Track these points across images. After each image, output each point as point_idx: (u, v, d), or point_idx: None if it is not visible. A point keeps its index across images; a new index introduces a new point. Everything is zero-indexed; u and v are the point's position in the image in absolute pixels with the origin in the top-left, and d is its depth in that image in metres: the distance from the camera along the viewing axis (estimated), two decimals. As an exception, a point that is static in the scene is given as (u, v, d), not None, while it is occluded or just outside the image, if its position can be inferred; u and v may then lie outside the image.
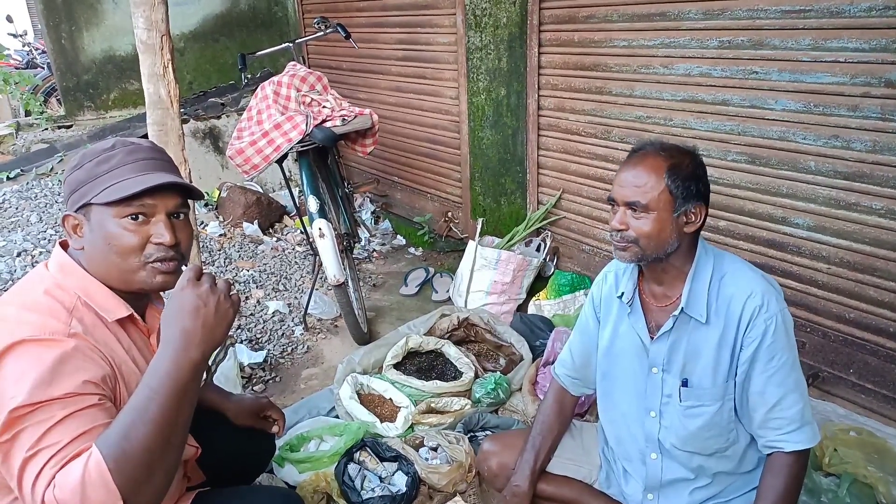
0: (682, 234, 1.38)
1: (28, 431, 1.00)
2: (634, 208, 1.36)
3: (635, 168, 1.37)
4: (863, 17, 2.04)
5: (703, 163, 1.41)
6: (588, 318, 1.66)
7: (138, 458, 0.98)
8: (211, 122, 4.71)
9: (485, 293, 3.23)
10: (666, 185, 1.34)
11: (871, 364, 2.28)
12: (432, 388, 2.44)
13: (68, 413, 1.02)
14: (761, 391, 1.37)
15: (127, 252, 1.19)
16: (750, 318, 1.35)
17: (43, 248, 3.47)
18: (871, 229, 2.18)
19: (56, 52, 5.06)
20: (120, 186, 1.17)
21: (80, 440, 1.01)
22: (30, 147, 4.85)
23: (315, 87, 3.14)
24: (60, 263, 1.22)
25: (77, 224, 1.22)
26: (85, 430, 1.02)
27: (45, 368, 1.03)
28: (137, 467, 0.98)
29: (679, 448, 1.48)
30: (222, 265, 3.72)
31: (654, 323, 1.49)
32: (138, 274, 1.21)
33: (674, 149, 1.39)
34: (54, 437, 1.00)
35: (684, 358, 1.44)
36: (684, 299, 1.40)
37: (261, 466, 1.86)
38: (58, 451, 0.99)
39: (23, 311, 1.12)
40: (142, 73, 2.36)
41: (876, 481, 1.79)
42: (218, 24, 5.37)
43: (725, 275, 1.41)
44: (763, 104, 2.35)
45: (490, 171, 3.66)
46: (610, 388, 1.60)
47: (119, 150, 1.22)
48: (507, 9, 3.21)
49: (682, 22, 2.51)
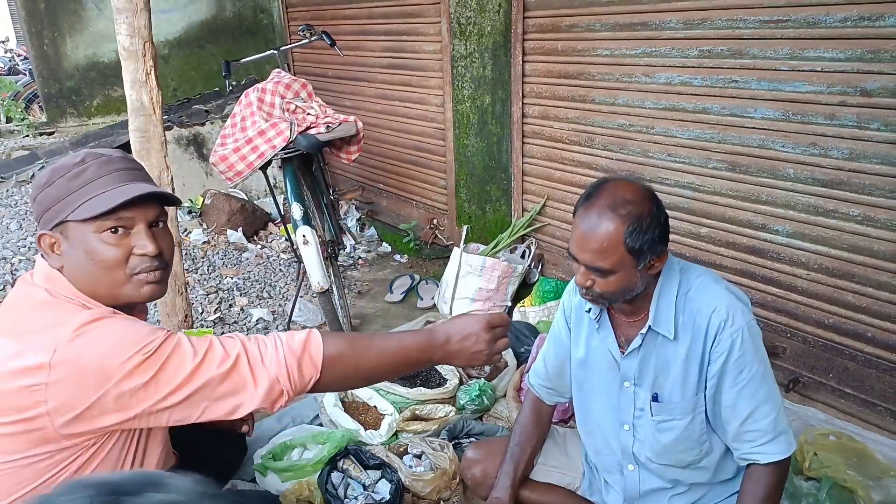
0: (648, 277, 1.36)
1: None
2: (597, 272, 1.32)
3: (593, 232, 1.28)
4: (839, 27, 2.08)
5: (659, 202, 1.33)
6: (560, 328, 1.65)
7: (346, 363, 1.22)
8: (195, 128, 4.69)
9: (470, 300, 3.23)
10: (626, 247, 1.27)
11: (851, 369, 2.31)
12: (416, 395, 2.44)
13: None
14: (732, 405, 1.36)
15: (110, 266, 1.18)
16: (716, 332, 1.33)
17: (23, 255, 3.43)
18: (849, 236, 2.22)
19: (38, 58, 5.01)
20: (97, 200, 1.15)
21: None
22: (10, 154, 4.80)
23: (300, 94, 3.14)
24: (47, 275, 1.20)
25: (54, 242, 1.19)
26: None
27: (132, 321, 1.17)
28: (340, 369, 1.22)
29: (654, 461, 1.49)
30: (206, 273, 3.69)
31: (623, 338, 1.48)
32: (125, 287, 1.21)
33: (630, 203, 1.27)
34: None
35: (654, 372, 1.43)
36: (651, 317, 1.39)
37: (232, 467, 1.85)
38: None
39: (46, 311, 1.12)
40: (124, 80, 2.35)
41: (855, 485, 1.80)
42: (203, 31, 5.36)
43: (691, 289, 1.39)
44: (743, 112, 2.38)
45: (475, 179, 3.67)
46: (586, 400, 1.60)
47: (90, 164, 1.19)
48: (492, 17, 3.23)
49: (663, 31, 2.55)
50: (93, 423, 1.08)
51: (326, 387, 1.24)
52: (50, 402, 1.05)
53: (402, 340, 1.27)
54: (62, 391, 1.05)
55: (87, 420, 1.08)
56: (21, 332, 1.10)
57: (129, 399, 1.07)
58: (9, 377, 1.05)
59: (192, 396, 1.10)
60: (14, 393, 1.05)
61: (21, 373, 1.05)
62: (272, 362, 1.16)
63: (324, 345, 1.20)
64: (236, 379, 1.13)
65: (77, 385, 1.05)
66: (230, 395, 1.13)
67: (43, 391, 1.04)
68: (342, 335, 1.31)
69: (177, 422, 1.13)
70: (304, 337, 1.20)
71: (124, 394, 1.07)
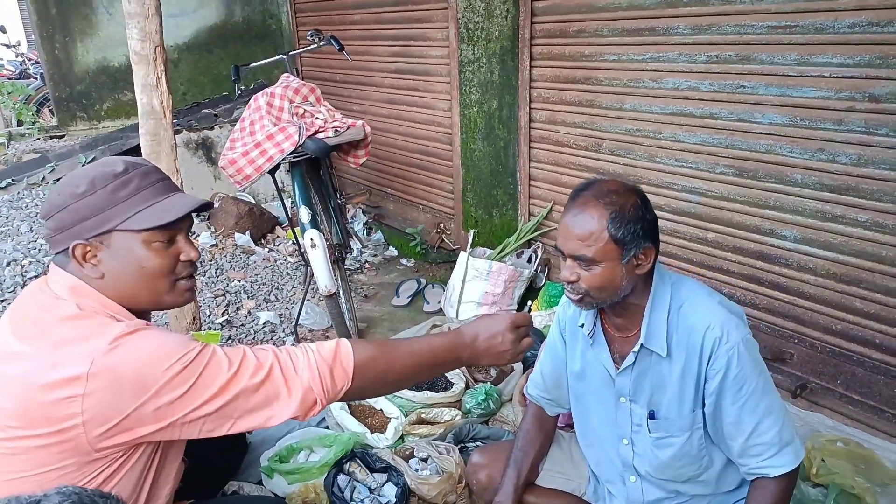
0: (635, 277, 1.34)
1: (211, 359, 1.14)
2: (581, 261, 1.32)
3: (576, 218, 1.31)
4: (847, 33, 2.08)
5: (647, 200, 1.35)
6: (556, 340, 1.64)
7: (377, 369, 1.24)
8: (204, 132, 4.72)
9: (476, 304, 3.24)
10: (609, 234, 1.28)
11: (858, 375, 2.29)
12: (423, 399, 2.44)
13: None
14: (735, 421, 1.34)
15: (160, 274, 1.22)
16: (711, 350, 1.31)
17: (33, 257, 3.46)
18: (857, 241, 2.21)
19: (49, 62, 5.06)
20: (152, 212, 1.19)
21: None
22: (21, 157, 4.85)
23: (308, 99, 3.16)
24: (73, 287, 1.19)
25: (88, 251, 1.18)
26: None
27: (166, 332, 1.18)
28: (372, 375, 1.24)
29: (654, 476, 1.48)
30: (214, 276, 3.71)
31: (618, 354, 1.46)
32: (168, 294, 1.25)
33: (614, 192, 1.31)
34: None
35: (650, 389, 1.41)
36: (643, 334, 1.37)
37: (233, 466, 1.85)
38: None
39: (77, 323, 1.12)
40: (135, 84, 2.37)
41: (863, 492, 1.80)
42: (212, 36, 5.39)
43: (683, 304, 1.37)
44: (750, 118, 2.38)
45: (482, 183, 3.68)
46: (584, 412, 1.59)
47: (133, 174, 1.21)
48: (499, 23, 3.24)
49: (671, 37, 2.55)
50: (127, 434, 1.09)
51: (357, 393, 1.26)
52: (86, 414, 1.06)
53: (431, 342, 1.30)
54: (99, 402, 1.06)
55: (122, 431, 1.09)
56: (53, 343, 1.09)
57: (166, 409, 1.09)
58: (44, 389, 1.05)
59: (226, 406, 1.12)
60: (49, 405, 1.05)
61: (57, 385, 1.05)
62: (304, 371, 1.17)
63: (354, 352, 1.22)
64: (270, 389, 1.15)
65: (115, 396, 1.06)
66: (263, 405, 1.15)
67: (79, 402, 1.05)
68: (371, 342, 1.33)
69: (208, 432, 1.14)
70: (334, 345, 1.22)
71: (162, 404, 1.08)
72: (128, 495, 1.18)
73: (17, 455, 1.08)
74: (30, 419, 1.07)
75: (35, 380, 1.06)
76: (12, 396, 1.08)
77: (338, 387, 1.20)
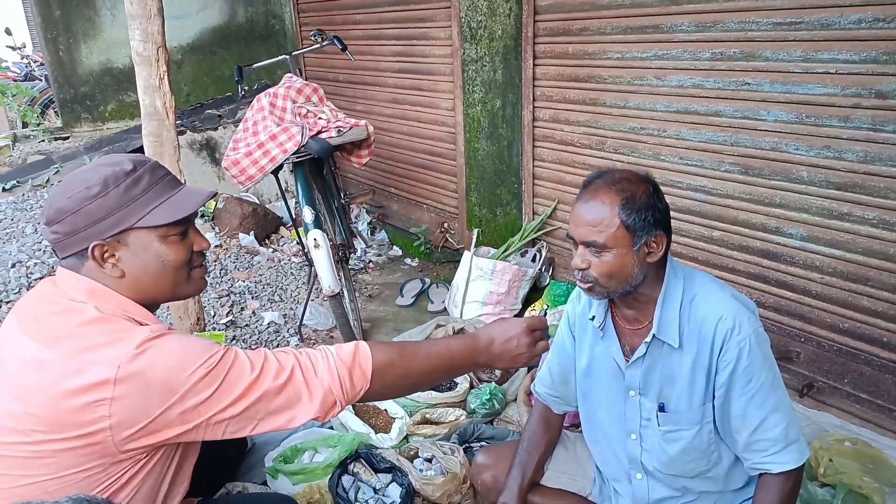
0: (646, 265, 1.33)
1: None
2: (592, 247, 1.32)
3: (588, 204, 1.32)
4: (853, 28, 2.06)
5: (658, 188, 1.35)
6: (564, 337, 1.64)
7: (395, 371, 1.26)
8: (207, 133, 4.73)
9: (480, 303, 3.23)
10: (621, 220, 1.28)
11: (866, 374, 2.28)
12: (427, 399, 2.43)
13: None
14: (742, 414, 1.33)
15: (179, 266, 1.26)
16: (723, 341, 1.31)
17: (38, 259, 3.47)
18: (864, 239, 2.19)
19: (54, 64, 5.08)
20: (166, 207, 1.22)
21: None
22: (26, 158, 4.86)
23: (311, 99, 3.16)
24: (91, 290, 1.19)
25: (107, 251, 1.19)
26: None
27: (189, 336, 1.21)
28: (390, 377, 1.25)
29: (662, 472, 1.47)
30: (218, 276, 3.72)
31: (628, 346, 1.46)
32: (186, 284, 1.30)
33: (625, 179, 1.32)
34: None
35: (660, 381, 1.41)
36: (655, 325, 1.37)
37: (232, 463, 1.86)
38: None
39: (99, 327, 1.13)
40: (138, 85, 2.37)
41: (871, 492, 1.78)
42: (216, 37, 5.40)
43: (696, 296, 1.37)
44: (755, 115, 2.36)
45: (486, 182, 3.67)
46: (591, 409, 1.59)
47: (143, 171, 1.22)
48: (502, 21, 3.24)
49: (675, 34, 2.53)
50: (154, 436, 1.11)
51: (376, 395, 1.27)
52: (114, 417, 1.07)
53: (448, 345, 1.32)
54: (126, 406, 1.07)
55: (148, 434, 1.10)
56: (76, 349, 1.10)
57: (192, 412, 1.10)
58: (71, 395, 1.06)
59: (250, 408, 1.13)
60: (77, 410, 1.06)
61: (84, 389, 1.06)
62: (325, 373, 1.19)
63: (372, 355, 1.24)
64: (291, 391, 1.16)
65: (142, 400, 1.08)
66: (286, 407, 1.16)
67: (107, 406, 1.06)
68: (389, 344, 1.36)
69: (232, 433, 1.16)
70: (353, 348, 1.24)
71: (188, 407, 1.10)
72: (148, 493, 1.20)
73: (43, 458, 1.09)
74: (58, 424, 1.08)
75: (60, 385, 1.07)
76: (38, 403, 1.08)
77: (356, 389, 1.22)
